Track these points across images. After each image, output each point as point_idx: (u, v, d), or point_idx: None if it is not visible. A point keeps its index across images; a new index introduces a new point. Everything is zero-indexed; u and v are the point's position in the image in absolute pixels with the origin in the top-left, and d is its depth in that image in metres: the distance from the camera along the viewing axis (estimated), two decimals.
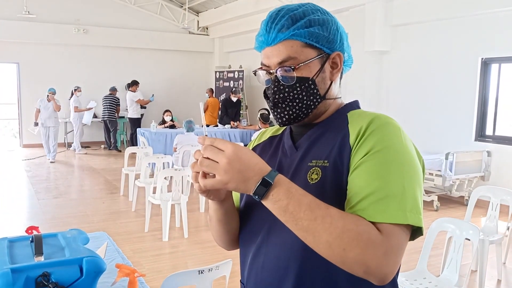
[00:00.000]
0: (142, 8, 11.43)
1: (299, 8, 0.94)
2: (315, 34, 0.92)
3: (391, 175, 0.82)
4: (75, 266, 1.13)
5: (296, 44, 0.92)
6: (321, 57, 0.94)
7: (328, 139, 0.94)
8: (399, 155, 0.84)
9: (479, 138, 6.12)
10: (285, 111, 0.96)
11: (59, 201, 5.90)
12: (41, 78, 10.53)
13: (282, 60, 0.92)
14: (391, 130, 0.88)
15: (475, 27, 5.98)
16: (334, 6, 7.56)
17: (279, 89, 0.95)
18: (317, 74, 0.94)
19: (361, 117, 0.92)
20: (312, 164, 0.92)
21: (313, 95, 0.94)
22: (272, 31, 0.93)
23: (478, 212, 4.85)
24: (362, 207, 0.82)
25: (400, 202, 0.80)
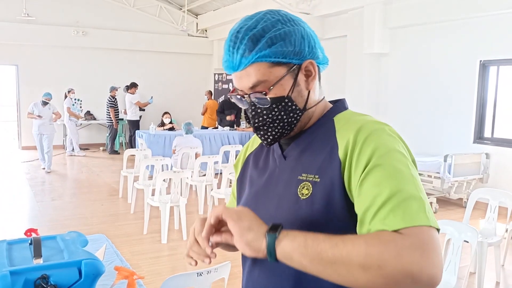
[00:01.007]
0: (141, 10, 11.44)
1: (257, 24, 0.89)
2: (280, 51, 0.88)
3: (401, 179, 0.79)
4: (74, 269, 1.13)
5: (262, 67, 0.88)
6: (292, 71, 0.90)
7: (316, 149, 0.91)
8: (399, 158, 0.82)
9: (478, 140, 6.13)
10: (268, 133, 0.94)
11: (57, 203, 5.89)
12: (40, 80, 10.53)
13: (253, 85, 0.90)
14: (382, 135, 0.85)
15: (473, 30, 6.00)
16: (332, 8, 7.59)
17: (257, 112, 0.92)
18: (292, 89, 0.91)
19: (348, 124, 0.90)
20: (303, 178, 0.90)
21: (292, 112, 0.92)
22: (235, 56, 0.89)
23: (476, 214, 4.85)
24: (381, 217, 0.77)
25: (419, 203, 0.77)
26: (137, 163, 5.93)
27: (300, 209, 0.88)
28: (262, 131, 0.94)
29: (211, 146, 7.92)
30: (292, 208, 0.90)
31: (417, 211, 0.76)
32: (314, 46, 0.93)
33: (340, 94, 7.91)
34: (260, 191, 0.99)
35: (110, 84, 10.61)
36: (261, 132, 0.95)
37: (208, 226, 0.88)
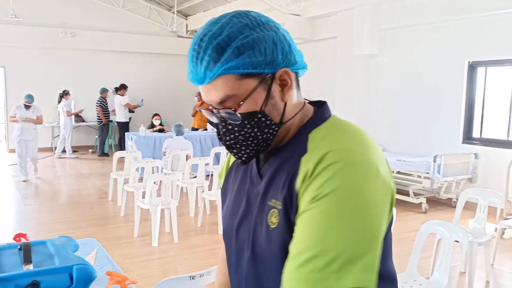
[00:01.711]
0: (130, 11, 11.36)
1: (222, 30, 0.78)
2: (249, 62, 0.78)
3: (329, 229, 0.70)
4: (65, 274, 1.11)
5: (230, 79, 0.78)
6: (264, 83, 0.80)
7: (285, 172, 0.83)
8: (344, 202, 0.71)
9: (466, 140, 6.20)
10: (242, 151, 0.85)
11: (46, 207, 5.81)
12: (28, 82, 10.39)
13: (221, 100, 0.80)
14: (341, 169, 0.73)
15: (462, 31, 6.07)
16: (322, 10, 7.62)
17: (228, 129, 0.83)
18: (265, 103, 0.81)
19: (318, 147, 0.79)
20: (272, 204, 0.83)
21: (267, 127, 0.82)
22: (199, 68, 0.79)
23: (466, 214, 4.90)
24: (287, 269, 0.73)
25: (329, 262, 0.68)
26: (127, 165, 5.88)
27: (272, 238, 0.82)
28: (235, 149, 0.85)
29: (201, 148, 7.89)
30: (265, 237, 0.84)
31: (318, 271, 0.69)
32: (289, 52, 0.83)
33: (330, 95, 7.95)
34: (239, 212, 0.93)
35: (99, 85, 10.52)
36: (234, 150, 0.86)
37: None
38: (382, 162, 0.80)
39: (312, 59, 8.54)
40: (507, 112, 5.84)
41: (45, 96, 10.60)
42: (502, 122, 5.90)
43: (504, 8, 5.40)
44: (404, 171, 5.97)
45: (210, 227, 5.01)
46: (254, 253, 0.87)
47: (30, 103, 7.22)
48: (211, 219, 5.24)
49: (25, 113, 7.19)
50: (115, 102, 10.07)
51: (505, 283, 3.66)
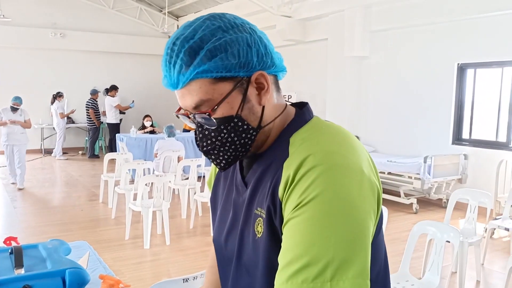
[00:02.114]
0: (120, 12, 11.30)
1: (195, 34, 0.76)
2: (222, 65, 0.76)
3: (316, 236, 0.68)
4: (58, 279, 1.10)
5: (204, 84, 0.77)
6: (240, 86, 0.78)
7: (268, 179, 0.81)
8: (329, 206, 0.69)
9: (456, 141, 6.26)
10: (220, 157, 0.83)
11: (36, 209, 5.74)
12: (17, 83, 10.27)
13: (196, 105, 0.78)
14: (324, 171, 0.72)
15: (451, 33, 6.13)
16: (314, 12, 7.65)
17: (205, 135, 0.81)
18: (241, 107, 0.79)
19: (298, 151, 0.77)
20: (257, 212, 0.81)
21: (245, 132, 0.80)
22: (172, 73, 0.78)
23: (456, 214, 4.95)
24: (277, 282, 0.70)
25: (321, 270, 0.67)
26: (118, 167, 5.84)
27: (258, 247, 0.80)
28: (213, 155, 0.83)
29: (193, 149, 7.86)
30: (252, 246, 0.82)
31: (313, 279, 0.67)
32: (265, 54, 0.80)
33: (322, 96, 7.98)
34: (227, 222, 0.91)
35: (89, 87, 10.44)
36: (212, 156, 0.83)
37: None
38: (365, 161, 0.78)
39: (304, 60, 8.59)
40: (495, 113, 5.91)
41: (34, 97, 10.50)
42: (491, 123, 5.97)
43: (493, 11, 5.48)
44: (395, 172, 6.01)
45: (202, 229, 4.99)
46: (241, 263, 0.86)
47: (18, 106, 6.77)
48: (203, 221, 5.22)
49: (12, 116, 6.76)
50: (106, 103, 10.00)
51: (495, 282, 3.70)
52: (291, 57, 8.84)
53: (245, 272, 0.85)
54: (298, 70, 8.68)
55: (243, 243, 0.85)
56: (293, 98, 8.44)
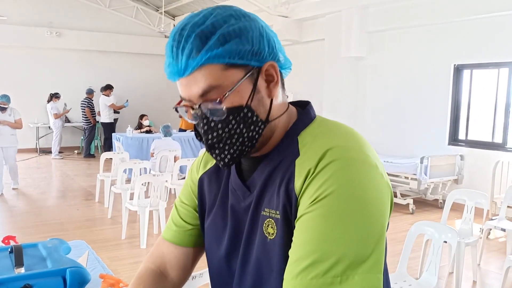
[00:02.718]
0: (117, 11, 11.25)
1: (206, 20, 0.73)
2: (235, 50, 0.72)
3: (330, 232, 0.67)
4: (58, 278, 1.09)
5: (215, 69, 0.73)
6: (251, 75, 0.75)
7: (277, 178, 0.78)
8: (345, 202, 0.68)
9: (452, 142, 6.29)
10: (225, 152, 0.77)
11: (32, 209, 5.71)
12: (12, 82, 10.21)
13: (203, 91, 0.74)
14: (342, 167, 0.70)
15: (448, 35, 6.16)
16: (311, 12, 7.66)
17: (210, 127, 0.76)
18: (251, 97, 0.75)
19: (313, 148, 0.75)
20: (266, 213, 0.78)
21: (253, 124, 0.76)
22: (180, 58, 0.73)
23: (452, 215, 4.97)
24: (286, 277, 0.69)
25: (331, 266, 0.66)
26: (114, 166, 5.81)
27: (270, 251, 0.77)
28: (218, 150, 0.78)
29: (190, 149, 7.85)
30: (262, 250, 0.78)
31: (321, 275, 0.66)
32: (275, 47, 0.78)
33: (318, 97, 7.98)
34: (226, 232, 0.86)
35: (84, 86, 10.40)
36: (216, 151, 0.78)
37: None
38: (378, 159, 0.77)
39: (300, 61, 8.59)
40: (491, 114, 5.94)
41: (29, 96, 10.45)
42: (487, 124, 6.01)
43: (489, 12, 5.51)
44: (392, 173, 6.03)
45: None
46: (247, 269, 0.82)
47: (6, 105, 6.27)
48: None
49: (1, 116, 6.25)
50: (100, 102, 9.95)
51: (491, 283, 3.72)
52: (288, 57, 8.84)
53: (253, 277, 0.81)
54: (295, 71, 8.57)
55: (250, 247, 0.81)
56: (290, 98, 8.20)
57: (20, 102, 10.14)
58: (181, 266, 0.97)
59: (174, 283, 0.97)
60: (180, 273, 0.97)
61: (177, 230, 0.97)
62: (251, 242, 0.81)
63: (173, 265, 0.97)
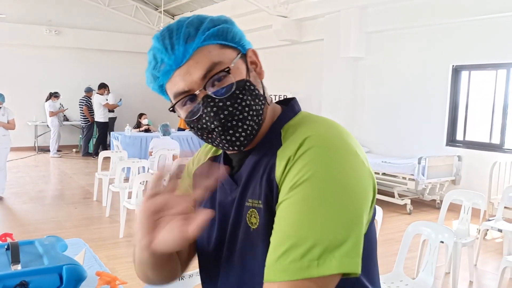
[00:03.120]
0: (116, 10, 11.25)
1: (189, 18, 0.78)
2: (226, 31, 0.78)
3: (306, 216, 0.68)
4: (55, 275, 1.09)
5: (213, 48, 0.76)
6: (241, 57, 0.80)
7: (260, 170, 0.79)
8: (323, 187, 0.69)
9: (450, 143, 6.31)
10: (239, 130, 0.77)
11: (29, 207, 5.71)
12: (11, 80, 10.20)
13: (207, 70, 0.75)
14: (320, 153, 0.71)
15: (446, 35, 6.17)
16: (309, 12, 7.67)
17: (219, 106, 0.75)
18: (248, 74, 0.79)
19: (293, 138, 0.77)
20: (249, 204, 0.79)
21: (257, 97, 0.79)
22: (177, 45, 0.74)
23: (449, 215, 4.98)
24: (267, 262, 0.70)
25: (308, 249, 0.67)
26: (113, 165, 5.81)
27: (254, 239, 0.79)
28: (231, 130, 0.77)
29: (188, 148, 7.86)
30: (246, 239, 0.80)
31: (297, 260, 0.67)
32: (248, 44, 0.83)
33: (317, 96, 8.00)
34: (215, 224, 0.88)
35: (83, 84, 10.39)
36: (230, 131, 0.77)
37: None
38: (360, 148, 0.78)
39: (299, 61, 8.61)
40: (489, 115, 5.96)
41: (27, 94, 10.45)
42: (485, 125, 6.02)
43: (488, 13, 5.52)
44: (389, 173, 6.04)
45: None
46: (232, 260, 0.84)
47: (0, 104, 5.92)
48: None
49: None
50: (94, 101, 9.91)
51: (488, 283, 3.74)
52: (287, 57, 8.86)
53: (238, 267, 0.83)
54: (293, 70, 8.70)
55: (235, 238, 0.83)
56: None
57: (18, 100, 10.15)
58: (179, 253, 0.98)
59: None
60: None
61: None
62: (236, 233, 0.83)
63: None
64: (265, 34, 8.79)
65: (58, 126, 9.93)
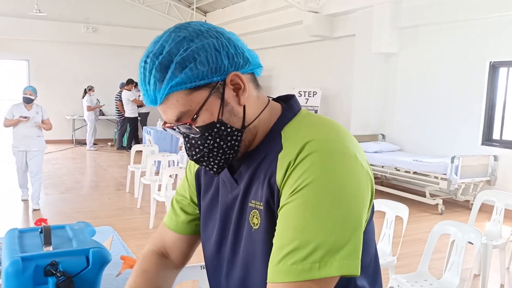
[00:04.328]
0: (150, 7, 11.51)
1: (163, 49, 0.78)
2: (193, 74, 0.77)
3: (308, 221, 0.71)
4: (82, 257, 1.17)
5: (180, 96, 0.78)
6: (216, 91, 0.79)
7: (262, 172, 0.83)
8: (323, 192, 0.72)
9: (486, 142, 6.10)
10: (211, 163, 0.84)
11: (66, 196, 5.97)
12: (50, 75, 10.66)
13: (177, 117, 0.80)
14: (320, 159, 0.74)
15: (483, 31, 5.96)
16: (341, 7, 7.58)
17: (192, 144, 0.83)
18: (221, 111, 0.80)
19: (294, 141, 0.79)
20: (252, 205, 0.83)
21: (229, 135, 0.81)
22: (149, 91, 0.79)
23: (483, 216, 4.84)
24: (270, 264, 0.74)
25: (310, 253, 0.70)
26: (144, 158, 5.99)
27: (255, 239, 0.82)
28: (204, 162, 0.84)
29: None
30: (248, 239, 0.84)
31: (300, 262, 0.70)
32: (236, 55, 0.81)
33: (347, 93, 7.91)
34: (216, 220, 0.93)
35: (118, 80, 10.70)
36: (203, 163, 0.85)
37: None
38: (359, 150, 0.80)
39: (330, 57, 8.53)
40: None
41: (66, 89, 10.87)
42: None
43: None
44: (421, 172, 5.92)
45: None
46: (236, 257, 0.87)
47: (32, 96, 5.10)
48: None
49: (26, 113, 5.13)
50: (123, 97, 10.06)
51: None
52: (317, 53, 8.80)
53: (240, 266, 0.87)
54: (323, 67, 8.63)
55: (238, 237, 0.87)
56: (318, 95, 8.40)
57: (57, 95, 10.59)
58: (180, 250, 1.04)
59: (174, 264, 1.05)
60: (179, 256, 1.05)
61: (175, 219, 1.04)
62: (239, 232, 0.87)
63: (172, 248, 1.05)
64: (296, 30, 8.77)
65: (94, 120, 10.29)
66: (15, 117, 5.07)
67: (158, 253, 1.05)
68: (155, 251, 1.05)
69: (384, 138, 7.36)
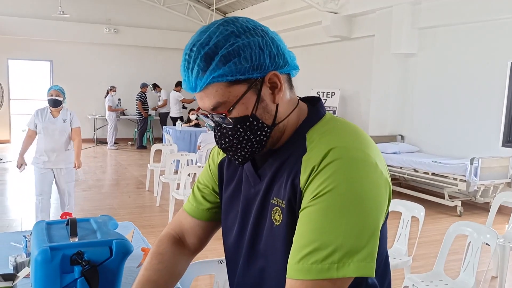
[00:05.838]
0: (170, 8, 11.68)
1: (210, 40, 0.81)
2: (236, 69, 0.81)
3: (329, 224, 0.76)
4: (106, 247, 1.24)
5: (220, 87, 0.82)
6: (254, 87, 0.83)
7: (285, 171, 0.87)
8: (344, 198, 0.77)
9: (507, 143, 6.00)
10: (238, 154, 0.88)
11: (87, 194, 6.13)
12: (73, 76, 10.93)
13: (213, 106, 0.84)
14: (342, 166, 0.78)
15: (504, 31, 5.87)
16: (360, 8, 7.56)
17: (223, 133, 0.87)
18: (255, 107, 0.84)
19: (318, 145, 0.83)
20: (274, 202, 0.88)
21: (260, 130, 0.85)
22: (190, 78, 0.83)
23: (503, 218, 4.78)
24: (290, 262, 0.79)
25: (329, 254, 0.75)
26: (164, 157, 6.10)
27: (276, 235, 0.87)
28: (231, 152, 0.89)
29: None
30: (269, 234, 0.89)
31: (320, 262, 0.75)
32: (277, 55, 0.85)
33: (366, 93, 7.88)
34: (238, 213, 0.98)
35: (139, 81, 10.90)
36: (230, 153, 0.89)
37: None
38: (379, 157, 0.84)
39: (348, 57, 8.51)
40: None
41: (88, 89, 11.13)
42: None
43: None
44: (440, 173, 5.86)
45: None
46: (256, 249, 0.92)
47: (60, 96, 4.04)
48: None
49: (51, 122, 4.05)
50: (171, 97, 10.44)
51: None
52: (336, 53, 8.79)
53: (260, 257, 0.92)
54: (342, 67, 8.62)
55: (258, 231, 0.91)
56: (336, 95, 8.39)
57: (80, 95, 10.85)
58: (197, 236, 1.09)
59: (190, 249, 1.11)
60: (195, 242, 1.10)
61: (196, 205, 1.09)
62: (259, 226, 0.91)
63: (189, 234, 1.10)
64: (314, 30, 8.77)
65: (115, 120, 10.51)
66: (38, 126, 4.02)
67: (175, 237, 1.10)
68: (172, 235, 1.10)
69: (403, 139, 7.31)
